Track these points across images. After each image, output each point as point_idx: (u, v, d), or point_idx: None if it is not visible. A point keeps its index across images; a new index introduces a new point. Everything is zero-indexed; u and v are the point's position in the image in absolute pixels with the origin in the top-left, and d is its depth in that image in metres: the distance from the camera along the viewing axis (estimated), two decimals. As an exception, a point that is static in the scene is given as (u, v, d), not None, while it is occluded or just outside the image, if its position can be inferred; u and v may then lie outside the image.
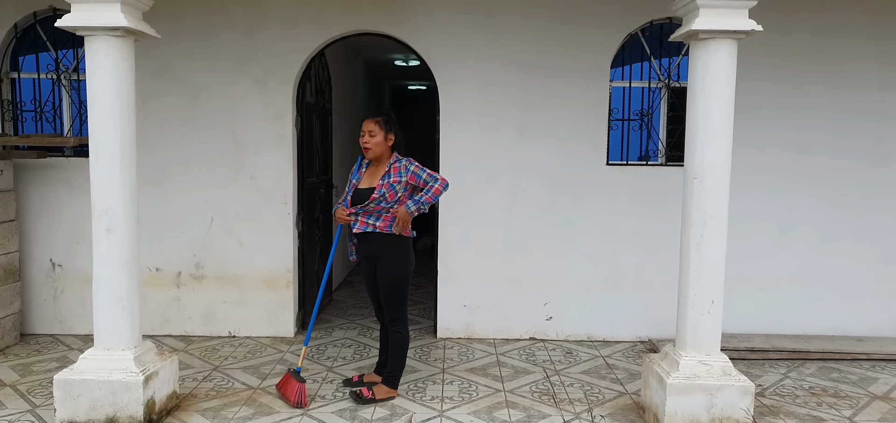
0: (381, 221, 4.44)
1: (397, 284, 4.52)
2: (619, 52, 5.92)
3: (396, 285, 4.52)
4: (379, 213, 4.43)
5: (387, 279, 4.51)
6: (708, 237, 4.04)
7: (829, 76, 5.87)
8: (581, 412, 4.51)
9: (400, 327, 4.59)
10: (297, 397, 4.49)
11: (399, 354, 4.64)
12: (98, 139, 3.95)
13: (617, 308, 6.06)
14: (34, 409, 4.41)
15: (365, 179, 4.56)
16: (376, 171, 4.53)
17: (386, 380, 4.64)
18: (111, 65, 3.89)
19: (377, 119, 4.48)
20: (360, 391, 4.59)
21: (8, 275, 5.63)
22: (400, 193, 4.42)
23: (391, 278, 4.50)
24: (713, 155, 3.98)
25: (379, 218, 4.44)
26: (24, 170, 5.85)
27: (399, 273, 4.51)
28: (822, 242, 6.02)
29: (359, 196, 4.50)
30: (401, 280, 4.53)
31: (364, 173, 4.60)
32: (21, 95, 6.00)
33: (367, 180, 4.54)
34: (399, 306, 4.57)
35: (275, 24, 5.79)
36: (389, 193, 4.40)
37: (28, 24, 5.88)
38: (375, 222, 4.44)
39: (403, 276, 4.53)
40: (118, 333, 4.07)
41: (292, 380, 4.57)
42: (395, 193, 4.41)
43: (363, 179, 4.56)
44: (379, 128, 4.46)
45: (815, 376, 5.28)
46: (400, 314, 4.58)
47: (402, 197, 4.43)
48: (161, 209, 5.86)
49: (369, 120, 4.49)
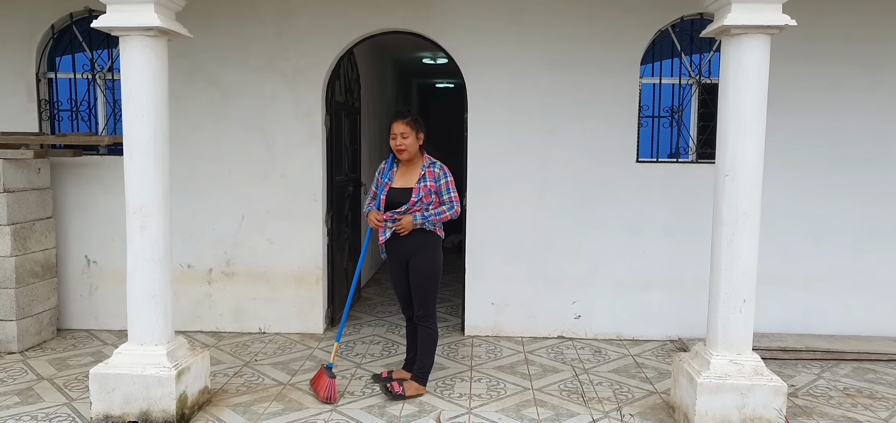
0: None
1: (429, 279, 4.54)
2: (650, 48, 5.87)
3: (428, 280, 4.54)
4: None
5: (419, 274, 4.53)
6: (740, 235, 3.99)
7: (866, 71, 5.75)
8: (610, 410, 4.48)
9: (430, 323, 4.61)
10: (327, 392, 4.52)
11: (429, 350, 4.65)
12: (132, 137, 4.01)
13: (647, 307, 6.01)
14: (71, 402, 4.50)
15: (398, 179, 4.57)
16: (409, 171, 4.57)
17: (415, 377, 4.66)
18: (145, 64, 3.96)
19: (407, 121, 4.49)
20: (390, 385, 4.60)
21: (45, 271, 5.75)
22: (434, 197, 4.48)
23: (424, 273, 4.52)
24: (745, 152, 3.93)
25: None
26: (60, 168, 5.97)
27: (431, 268, 4.53)
28: (857, 240, 5.90)
29: (394, 196, 4.52)
30: (433, 275, 4.55)
31: (396, 173, 4.61)
32: (57, 95, 6.12)
33: (400, 180, 4.56)
34: (430, 301, 4.59)
35: (304, 23, 5.83)
36: (426, 197, 4.46)
37: (64, 25, 6.00)
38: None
39: (435, 271, 4.56)
40: (151, 328, 4.13)
41: (324, 376, 4.60)
42: (430, 196, 4.46)
43: (396, 179, 4.58)
44: (410, 129, 4.48)
45: (849, 377, 5.19)
46: (430, 310, 4.60)
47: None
48: (193, 207, 5.95)
49: (400, 121, 4.50)
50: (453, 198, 4.50)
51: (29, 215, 5.54)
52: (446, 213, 4.47)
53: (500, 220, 5.99)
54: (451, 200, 4.49)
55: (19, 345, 5.47)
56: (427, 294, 4.57)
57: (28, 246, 5.52)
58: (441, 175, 4.50)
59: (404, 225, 4.44)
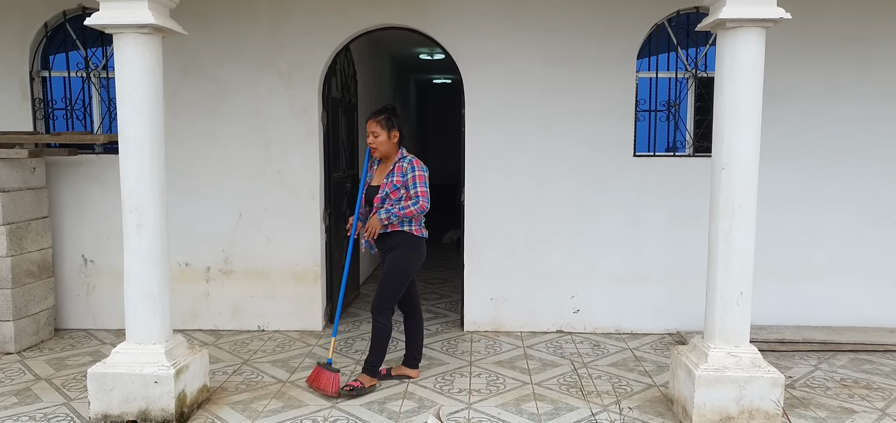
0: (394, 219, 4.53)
1: (396, 272, 4.55)
2: (646, 42, 5.86)
3: (394, 274, 4.55)
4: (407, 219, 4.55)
5: (388, 266, 4.56)
6: (736, 228, 4.00)
7: (859, 62, 5.76)
8: (609, 404, 4.49)
9: (383, 318, 4.59)
10: (335, 385, 4.52)
11: (378, 344, 4.62)
12: (127, 136, 4.00)
13: (645, 300, 6.02)
14: (69, 402, 4.50)
15: (376, 176, 4.68)
16: (385, 168, 4.63)
17: (366, 370, 4.66)
18: (139, 62, 3.94)
19: (378, 119, 4.52)
20: (348, 385, 4.58)
21: (42, 271, 5.74)
22: (403, 191, 4.48)
23: (393, 265, 4.55)
24: (741, 145, 3.93)
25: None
26: (55, 167, 5.95)
27: (402, 264, 4.55)
28: (853, 232, 5.91)
29: (371, 193, 4.63)
30: (400, 271, 4.56)
31: (375, 170, 4.72)
32: (52, 94, 6.10)
33: (377, 177, 4.66)
34: (389, 295, 4.57)
35: (300, 19, 5.82)
36: (393, 193, 4.47)
37: (58, 23, 5.97)
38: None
39: (404, 269, 4.57)
40: (149, 327, 4.13)
41: (325, 371, 4.60)
42: (398, 191, 4.47)
43: (375, 176, 4.69)
44: (381, 127, 4.51)
45: (846, 367, 5.20)
46: (386, 304, 4.58)
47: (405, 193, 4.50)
48: (190, 205, 5.94)
49: (371, 120, 4.53)
50: (419, 192, 4.44)
51: (24, 214, 5.53)
52: (410, 207, 4.44)
53: (499, 215, 5.99)
54: (416, 195, 4.45)
55: (17, 345, 5.46)
56: (389, 286, 4.56)
57: (24, 246, 5.51)
58: (409, 169, 4.48)
59: (371, 228, 4.48)
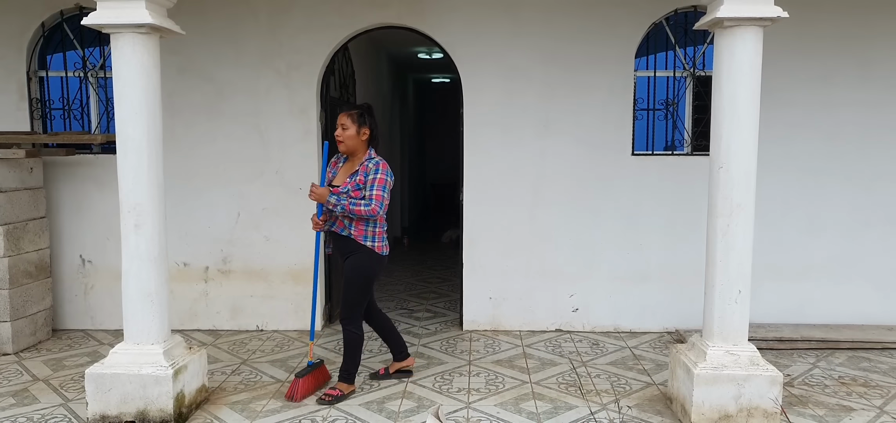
0: (355, 230, 4.38)
1: (359, 280, 4.43)
2: (644, 41, 5.86)
3: (358, 281, 4.42)
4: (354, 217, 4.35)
5: (349, 273, 4.43)
6: (735, 227, 4.00)
7: (858, 60, 5.76)
8: (608, 403, 4.49)
9: (353, 326, 4.47)
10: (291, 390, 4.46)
11: (352, 353, 4.52)
12: (125, 136, 3.99)
13: (643, 299, 6.02)
14: (67, 403, 4.49)
15: (340, 176, 4.47)
16: (350, 167, 4.45)
17: (342, 378, 4.54)
18: (137, 62, 3.93)
19: (351, 112, 4.40)
20: (324, 394, 4.49)
21: (39, 271, 5.73)
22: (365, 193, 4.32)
23: (351, 274, 4.42)
24: (739, 143, 3.94)
25: (354, 225, 4.38)
26: (53, 167, 5.94)
27: (362, 271, 4.42)
28: (851, 230, 5.92)
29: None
30: (364, 279, 4.43)
31: (341, 168, 4.52)
32: (49, 94, 6.09)
33: (340, 177, 4.46)
34: (354, 304, 4.46)
35: (298, 18, 5.81)
36: (354, 192, 4.31)
37: (55, 23, 5.96)
38: (350, 228, 4.39)
39: (366, 276, 4.44)
40: (147, 327, 4.12)
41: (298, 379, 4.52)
42: (360, 191, 4.32)
43: (339, 175, 4.48)
44: (352, 121, 4.37)
45: (844, 365, 5.21)
46: (353, 313, 4.47)
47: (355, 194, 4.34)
48: (188, 205, 5.93)
49: (343, 113, 4.40)
50: (374, 195, 4.26)
51: (22, 214, 5.51)
52: (360, 205, 4.25)
53: (497, 214, 5.99)
54: (371, 196, 4.27)
55: (14, 346, 5.45)
56: (353, 296, 4.44)
57: (21, 246, 5.50)
58: (373, 170, 4.33)
59: (318, 193, 4.34)
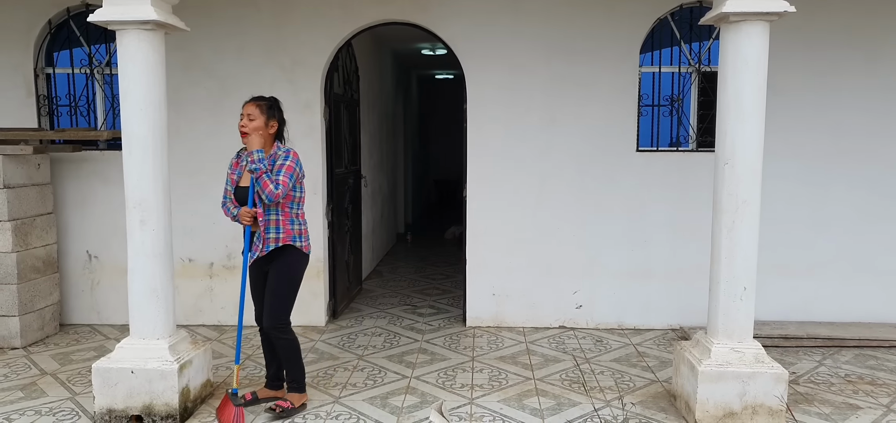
0: (283, 233, 4.10)
1: (288, 284, 4.18)
2: (649, 36, 5.85)
3: (287, 285, 4.18)
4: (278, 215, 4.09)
5: (280, 276, 4.14)
6: (740, 223, 3.99)
7: (865, 55, 5.73)
8: (612, 399, 4.49)
9: (282, 331, 4.20)
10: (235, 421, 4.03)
11: (294, 359, 4.27)
12: (131, 132, 4.01)
13: (648, 296, 6.01)
14: (74, 397, 4.52)
15: (246, 176, 4.12)
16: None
17: (292, 389, 4.30)
18: (142, 58, 3.95)
19: (259, 102, 4.08)
20: (275, 405, 4.22)
21: (47, 266, 5.76)
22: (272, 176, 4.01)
23: (283, 276, 4.14)
24: (745, 140, 3.92)
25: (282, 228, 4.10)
26: (59, 163, 5.97)
27: (294, 271, 4.18)
28: (858, 226, 5.89)
29: (240, 194, 4.13)
30: (293, 282, 4.20)
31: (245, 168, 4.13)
32: (56, 90, 6.12)
33: (247, 177, 4.10)
34: (288, 308, 4.22)
35: (302, 14, 5.82)
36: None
37: (62, 20, 5.98)
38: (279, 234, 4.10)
39: (297, 277, 4.22)
40: (153, 322, 4.14)
41: (229, 404, 4.09)
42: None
43: (244, 176, 4.14)
44: (260, 112, 4.05)
45: (851, 363, 5.19)
46: (281, 317, 4.19)
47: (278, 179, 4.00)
48: (193, 201, 5.94)
49: (250, 102, 4.08)
50: (281, 180, 3.96)
51: (29, 210, 5.54)
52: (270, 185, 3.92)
53: (501, 210, 5.99)
54: (276, 181, 3.96)
55: (22, 340, 5.48)
56: (281, 301, 4.17)
57: (29, 242, 5.53)
58: (282, 157, 4.05)
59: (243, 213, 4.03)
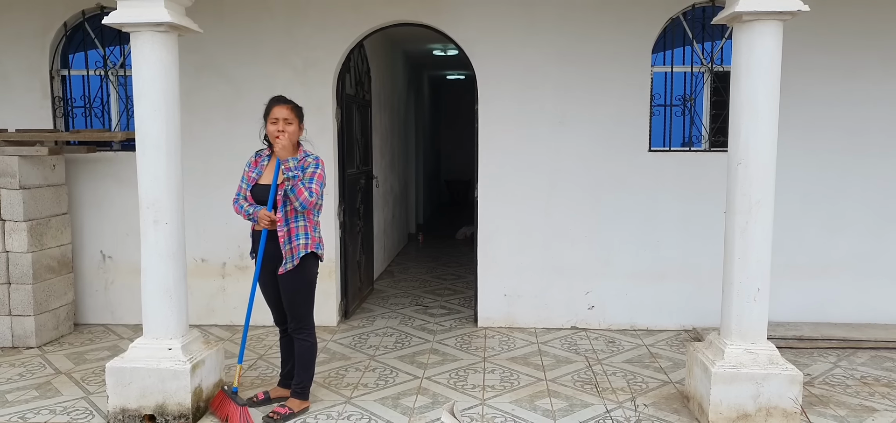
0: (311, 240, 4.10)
1: (307, 287, 4.16)
2: (661, 36, 5.82)
3: (305, 289, 4.15)
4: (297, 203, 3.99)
5: (300, 281, 4.11)
6: (753, 224, 3.96)
7: (881, 55, 5.68)
8: (624, 401, 4.47)
9: (306, 335, 4.22)
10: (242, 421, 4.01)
11: (307, 364, 4.27)
12: (144, 133, 4.04)
13: (660, 297, 5.99)
14: (88, 396, 4.55)
15: (267, 174, 4.13)
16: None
17: (295, 393, 4.28)
18: (156, 60, 3.98)
19: (293, 107, 4.07)
20: (272, 413, 4.19)
21: (62, 266, 5.80)
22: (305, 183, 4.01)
23: (300, 281, 4.11)
24: (758, 139, 3.89)
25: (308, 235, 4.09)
26: (74, 164, 6.01)
27: (307, 277, 4.14)
28: (874, 227, 5.84)
29: (259, 193, 4.10)
30: (310, 284, 4.18)
31: (266, 167, 4.17)
32: (71, 92, 6.17)
33: (268, 175, 4.12)
34: (306, 312, 4.20)
35: (314, 16, 5.84)
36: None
37: (77, 23, 6.03)
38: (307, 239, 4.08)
39: (311, 281, 4.18)
40: (166, 322, 4.16)
41: (230, 402, 4.10)
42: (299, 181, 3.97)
43: (265, 174, 4.14)
44: (295, 115, 4.06)
45: (866, 365, 5.14)
46: (306, 321, 4.20)
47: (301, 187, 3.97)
48: (206, 201, 5.97)
49: (283, 105, 4.05)
50: (313, 188, 3.97)
51: (45, 211, 5.59)
52: (305, 193, 3.91)
53: (512, 210, 5.98)
54: (310, 188, 3.96)
55: (37, 340, 5.53)
56: (303, 305, 4.17)
57: (44, 242, 5.57)
58: (313, 164, 4.04)
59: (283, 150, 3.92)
